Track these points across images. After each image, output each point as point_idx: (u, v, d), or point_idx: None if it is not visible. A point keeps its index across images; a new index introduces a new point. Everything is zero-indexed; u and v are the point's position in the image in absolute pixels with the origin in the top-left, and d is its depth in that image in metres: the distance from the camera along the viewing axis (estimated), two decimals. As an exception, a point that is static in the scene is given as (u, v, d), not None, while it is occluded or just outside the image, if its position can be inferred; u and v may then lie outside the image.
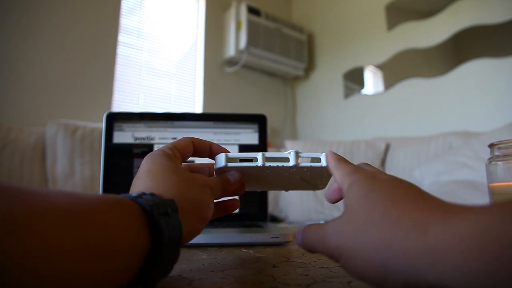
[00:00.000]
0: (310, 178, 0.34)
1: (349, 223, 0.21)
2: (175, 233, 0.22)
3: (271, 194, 1.81)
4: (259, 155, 0.30)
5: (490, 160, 0.36)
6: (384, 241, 0.18)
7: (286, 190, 0.39)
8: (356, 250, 0.20)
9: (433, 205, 0.19)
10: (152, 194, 0.23)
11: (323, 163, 0.30)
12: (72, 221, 0.16)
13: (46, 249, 0.14)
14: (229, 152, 0.32)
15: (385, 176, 0.23)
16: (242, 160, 0.31)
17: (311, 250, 0.25)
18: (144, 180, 0.26)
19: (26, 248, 0.14)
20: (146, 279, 0.21)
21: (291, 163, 0.30)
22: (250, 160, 0.31)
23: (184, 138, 0.32)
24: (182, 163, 0.31)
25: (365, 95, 2.22)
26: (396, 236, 0.18)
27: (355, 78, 2.29)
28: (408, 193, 0.20)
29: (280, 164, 0.30)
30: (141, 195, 0.23)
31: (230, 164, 0.31)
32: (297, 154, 0.31)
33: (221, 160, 0.31)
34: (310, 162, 0.31)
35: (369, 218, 0.20)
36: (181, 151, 0.31)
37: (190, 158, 0.33)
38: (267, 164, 0.30)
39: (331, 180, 0.32)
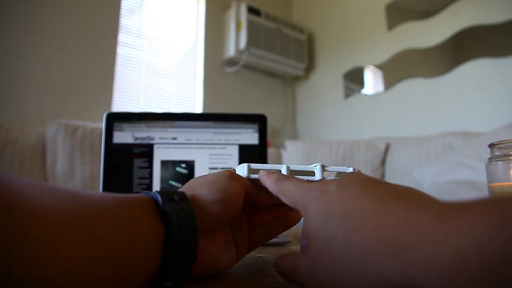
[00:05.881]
0: None
1: (317, 261, 0.20)
2: (183, 215, 0.23)
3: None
4: (283, 168, 0.29)
5: (490, 160, 0.36)
6: (353, 277, 0.17)
7: None
8: None
9: (398, 219, 0.17)
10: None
11: None
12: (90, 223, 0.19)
13: (74, 262, 0.17)
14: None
15: (334, 185, 0.21)
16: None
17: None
18: None
19: (54, 264, 0.16)
20: (169, 266, 0.22)
21: (317, 177, 0.29)
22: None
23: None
24: None
25: (365, 95, 2.22)
26: (367, 271, 0.17)
27: (355, 78, 2.29)
28: (362, 203, 0.19)
29: (305, 178, 0.28)
30: (154, 192, 0.24)
31: (252, 176, 0.29)
32: (323, 168, 0.30)
33: (242, 169, 0.29)
34: (335, 177, 0.30)
35: (334, 253, 0.18)
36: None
37: None
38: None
39: None
